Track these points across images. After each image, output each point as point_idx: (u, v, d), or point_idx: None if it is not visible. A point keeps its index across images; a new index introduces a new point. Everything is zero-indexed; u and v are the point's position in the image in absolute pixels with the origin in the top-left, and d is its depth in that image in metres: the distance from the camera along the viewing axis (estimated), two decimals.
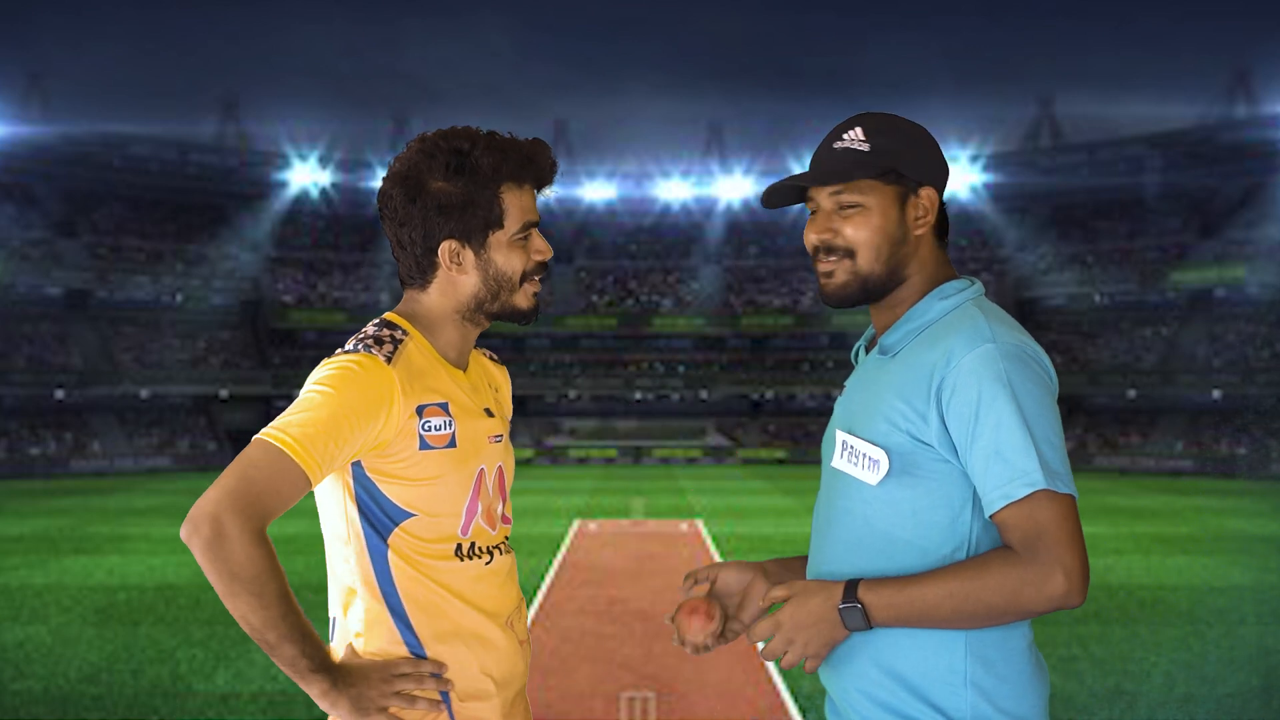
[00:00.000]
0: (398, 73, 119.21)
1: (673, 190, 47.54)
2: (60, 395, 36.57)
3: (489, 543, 1.80)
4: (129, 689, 7.25)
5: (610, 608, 10.02)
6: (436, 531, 1.73)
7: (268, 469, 1.57)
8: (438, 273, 1.79)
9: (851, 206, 1.69)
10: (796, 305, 46.39)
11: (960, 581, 1.53)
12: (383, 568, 1.72)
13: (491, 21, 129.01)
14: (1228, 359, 37.67)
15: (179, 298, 41.37)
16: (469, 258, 1.77)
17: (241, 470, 1.58)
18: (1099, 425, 38.65)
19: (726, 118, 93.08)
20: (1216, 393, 36.19)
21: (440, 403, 1.74)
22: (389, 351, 1.71)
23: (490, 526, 1.81)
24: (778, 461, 39.87)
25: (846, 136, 1.69)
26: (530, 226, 1.80)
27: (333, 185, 45.13)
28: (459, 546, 1.75)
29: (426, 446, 1.71)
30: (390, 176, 1.76)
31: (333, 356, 1.71)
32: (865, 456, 1.64)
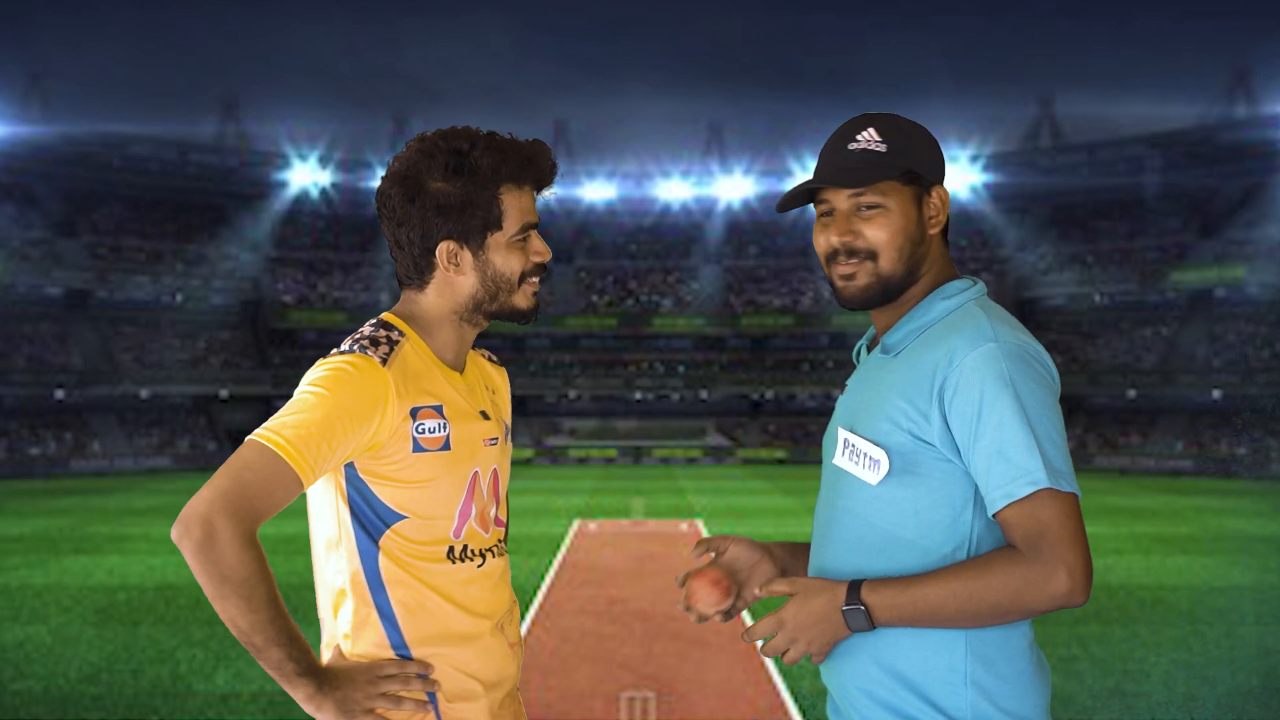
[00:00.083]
0: (398, 73, 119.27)
1: (673, 190, 47.53)
2: (60, 395, 36.58)
3: (481, 545, 1.79)
4: (129, 689, 7.25)
5: (610, 608, 10.01)
6: (428, 534, 1.72)
7: (261, 471, 1.57)
8: (435, 273, 1.78)
9: (872, 207, 1.67)
10: (796, 305, 46.38)
11: (963, 581, 1.53)
12: (372, 570, 1.71)
13: (491, 21, 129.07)
14: (1228, 359, 37.67)
15: (179, 298, 41.38)
16: (467, 259, 1.76)
17: (234, 472, 1.57)
18: (1099, 425, 38.65)
19: (726, 118, 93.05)
20: (1216, 393, 36.19)
21: (435, 405, 1.73)
22: (384, 353, 1.70)
23: (483, 529, 1.80)
24: (778, 461, 39.87)
25: (861, 137, 1.67)
26: (529, 228, 1.79)
27: (333, 185, 45.13)
28: (451, 549, 1.74)
29: (420, 449, 1.70)
30: (389, 176, 1.75)
31: (328, 357, 1.71)
32: (866, 455, 1.64)
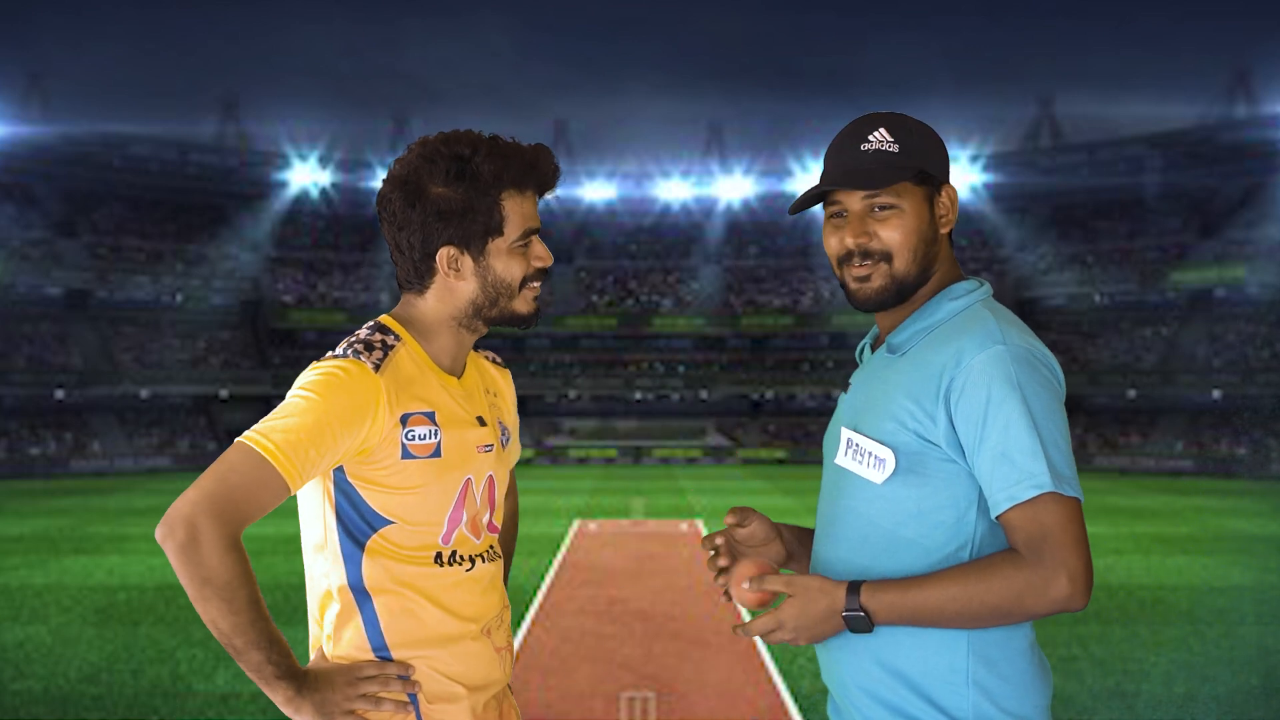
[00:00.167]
0: (398, 73, 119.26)
1: (673, 190, 47.53)
2: (60, 395, 36.58)
3: (472, 551, 1.78)
4: (129, 689, 7.25)
5: (610, 608, 10.01)
6: (416, 539, 1.72)
7: (247, 474, 1.57)
8: (436, 278, 1.77)
9: (887, 208, 1.67)
10: (796, 305, 46.39)
11: (964, 585, 1.53)
12: (355, 573, 1.70)
13: (491, 21, 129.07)
14: (1228, 359, 37.67)
15: (179, 298, 41.38)
16: (467, 264, 1.75)
17: (221, 474, 1.57)
18: (1099, 425, 38.65)
19: (726, 118, 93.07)
20: (1216, 393, 36.19)
21: (427, 412, 1.72)
22: (378, 359, 1.70)
23: (474, 535, 1.79)
24: (778, 461, 39.87)
25: (873, 138, 1.67)
26: (531, 233, 1.77)
27: (333, 185, 45.14)
28: (439, 554, 1.74)
29: (409, 455, 1.69)
30: (390, 180, 1.74)
31: (321, 360, 1.70)
32: (871, 455, 1.64)
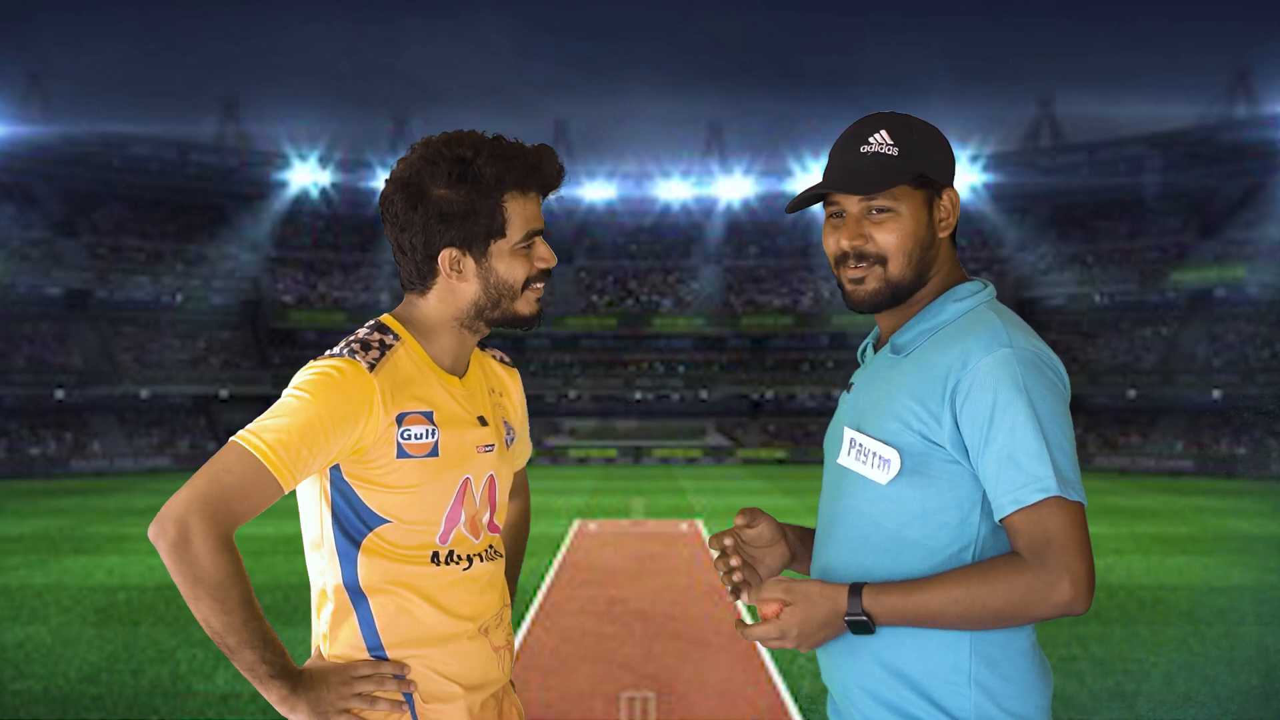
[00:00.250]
0: (398, 73, 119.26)
1: (673, 190, 47.51)
2: (60, 395, 36.57)
3: (470, 550, 1.78)
4: (129, 689, 7.25)
5: (610, 608, 10.02)
6: (412, 539, 1.72)
7: (239, 474, 1.57)
8: (438, 279, 1.77)
9: (883, 211, 1.66)
10: (796, 305, 46.38)
11: (966, 588, 1.52)
12: (351, 572, 1.71)
13: (491, 21, 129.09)
14: (1228, 359, 37.67)
15: (179, 298, 41.36)
16: (470, 266, 1.75)
17: (213, 474, 1.58)
18: (1099, 425, 38.64)
19: (726, 118, 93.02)
20: (1216, 393, 36.17)
21: (424, 411, 1.72)
22: (374, 358, 1.70)
23: (473, 535, 1.79)
24: (778, 461, 39.86)
25: (873, 140, 1.66)
26: (534, 234, 1.77)
27: (333, 185, 45.13)
28: (435, 554, 1.74)
29: (404, 455, 1.69)
30: (392, 181, 1.74)
31: (318, 360, 1.70)
32: (875, 455, 1.64)
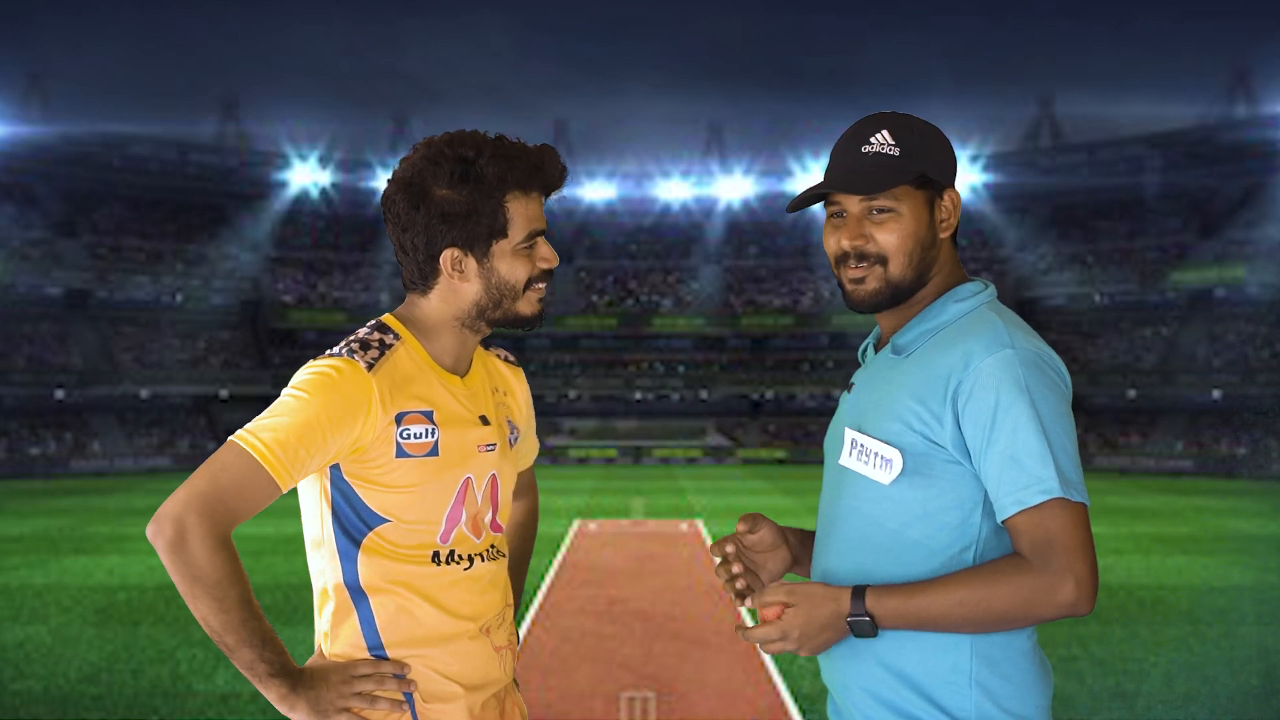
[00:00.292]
0: (398, 73, 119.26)
1: (673, 190, 47.51)
2: (60, 395, 36.56)
3: (471, 550, 1.78)
4: (129, 689, 7.25)
5: (610, 608, 10.02)
6: (412, 538, 1.72)
7: (236, 474, 1.58)
8: (440, 279, 1.77)
9: (884, 211, 1.66)
10: (796, 305, 46.38)
11: (970, 590, 1.52)
12: (351, 571, 1.71)
13: (491, 21, 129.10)
14: (1228, 359, 37.67)
15: (179, 298, 41.36)
16: (471, 266, 1.75)
17: (211, 473, 1.58)
18: (1099, 425, 38.63)
19: (726, 118, 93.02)
20: (1216, 393, 36.18)
21: (424, 410, 1.72)
22: (373, 358, 1.70)
23: (475, 535, 1.79)
24: (778, 461, 39.86)
25: (874, 140, 1.66)
26: (536, 235, 1.77)
27: (333, 185, 45.12)
28: (436, 553, 1.74)
29: (403, 454, 1.70)
30: (395, 181, 1.74)
31: (317, 359, 1.71)
32: (877, 456, 1.63)
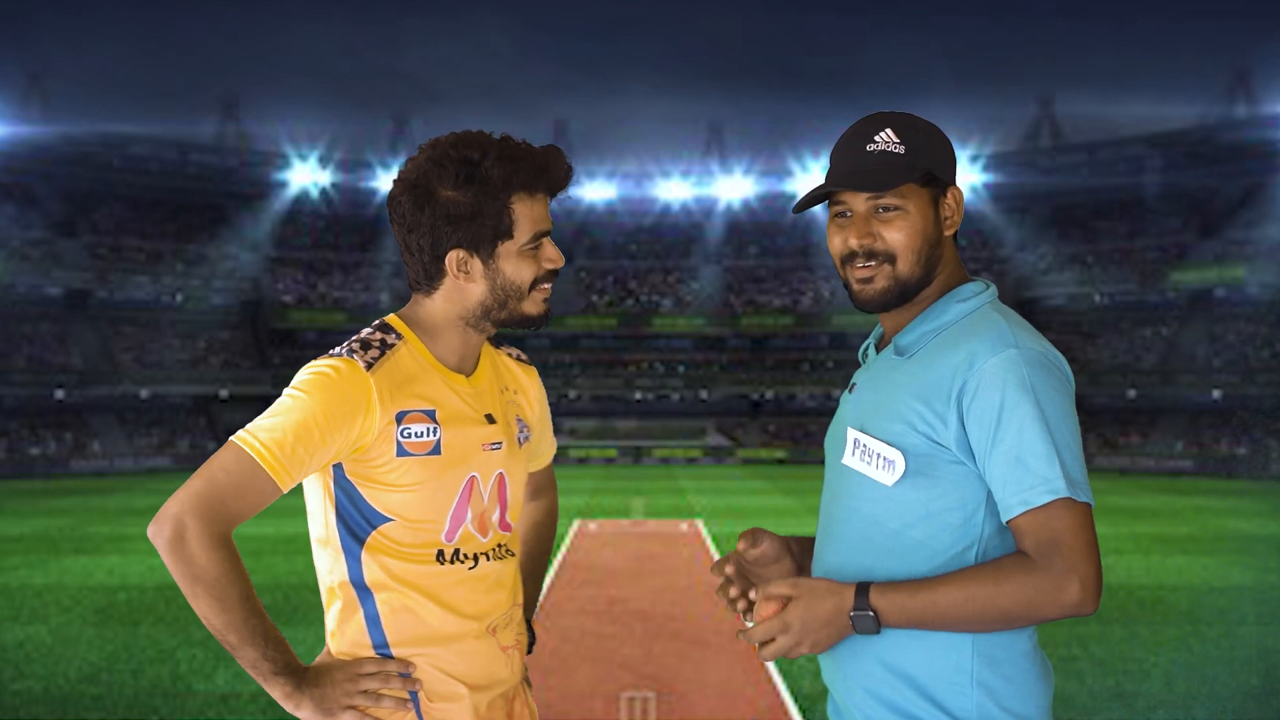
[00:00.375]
0: (398, 73, 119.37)
1: (673, 190, 47.50)
2: (60, 395, 36.56)
3: (477, 549, 1.78)
4: (129, 689, 7.25)
5: (610, 608, 10.01)
6: (416, 537, 1.72)
7: (236, 474, 1.59)
8: (445, 280, 1.77)
9: (891, 209, 1.66)
10: (796, 305, 46.38)
11: (975, 588, 1.52)
12: (356, 569, 1.72)
13: (491, 21, 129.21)
14: (1228, 359, 37.67)
15: (179, 298, 41.36)
16: (477, 267, 1.75)
17: (210, 474, 1.59)
18: (1099, 425, 38.62)
19: (726, 118, 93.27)
20: (1216, 393, 36.18)
21: (426, 409, 1.72)
22: (373, 358, 1.70)
23: (481, 534, 1.79)
24: (778, 461, 39.86)
25: (879, 138, 1.66)
26: (542, 235, 1.77)
27: (333, 185, 45.13)
28: (440, 552, 1.74)
29: (404, 453, 1.70)
30: (400, 181, 1.74)
31: (317, 360, 1.71)
32: (880, 456, 1.63)
